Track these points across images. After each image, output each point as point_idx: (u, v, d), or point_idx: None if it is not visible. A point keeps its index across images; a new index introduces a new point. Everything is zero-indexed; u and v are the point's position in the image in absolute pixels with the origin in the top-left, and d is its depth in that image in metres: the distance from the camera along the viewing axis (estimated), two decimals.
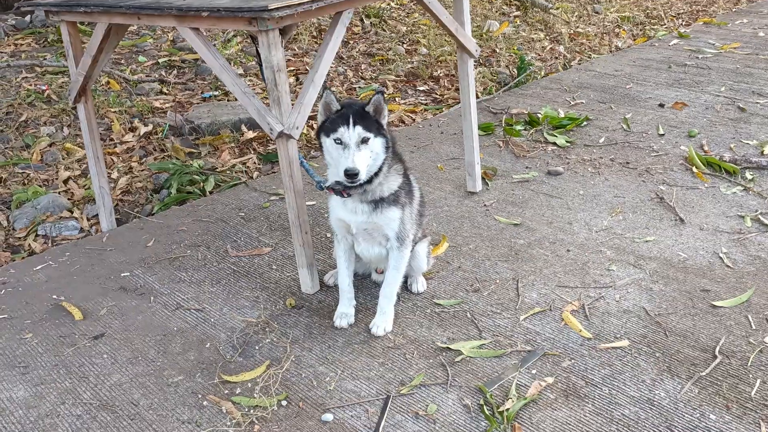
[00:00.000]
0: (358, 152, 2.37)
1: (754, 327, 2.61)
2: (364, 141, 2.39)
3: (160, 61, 6.35)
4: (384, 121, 2.48)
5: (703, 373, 2.38)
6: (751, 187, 3.70)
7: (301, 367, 2.51)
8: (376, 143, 2.43)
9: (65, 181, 4.20)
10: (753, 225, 3.33)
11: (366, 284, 3.01)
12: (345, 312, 2.75)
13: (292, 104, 2.70)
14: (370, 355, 2.57)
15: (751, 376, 2.36)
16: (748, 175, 3.83)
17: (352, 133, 2.37)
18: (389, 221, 2.57)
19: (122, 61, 6.30)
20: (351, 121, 2.37)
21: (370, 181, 2.47)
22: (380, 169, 2.48)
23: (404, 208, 2.60)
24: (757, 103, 4.98)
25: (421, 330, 2.69)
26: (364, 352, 2.58)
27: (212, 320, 2.82)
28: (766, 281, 2.88)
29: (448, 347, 2.57)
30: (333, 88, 5.87)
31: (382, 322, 2.68)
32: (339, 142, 2.40)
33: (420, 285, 2.93)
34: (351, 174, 2.35)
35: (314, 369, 2.51)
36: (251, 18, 2.50)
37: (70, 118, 5.09)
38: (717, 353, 2.47)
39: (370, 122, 2.42)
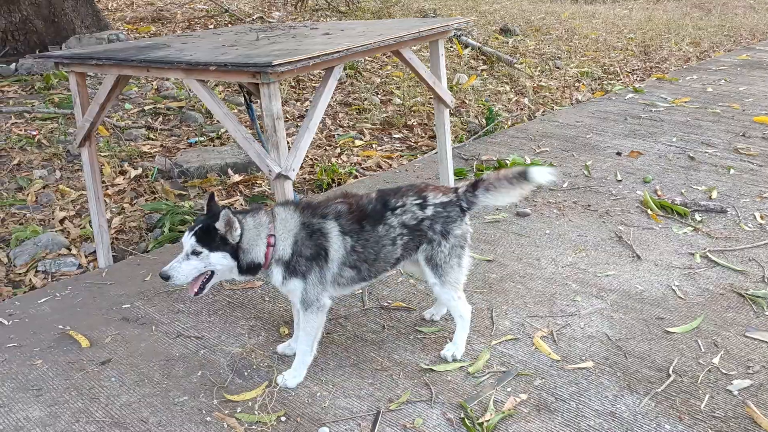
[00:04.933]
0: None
1: (703, 350, 2.92)
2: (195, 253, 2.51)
3: (145, 108, 6.61)
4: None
5: (659, 390, 2.67)
6: (700, 228, 4.08)
7: (297, 387, 2.73)
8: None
9: (61, 221, 4.39)
10: (702, 261, 3.68)
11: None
12: None
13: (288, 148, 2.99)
14: (360, 376, 2.80)
15: (701, 391, 2.66)
16: (698, 217, 4.22)
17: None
18: None
19: (109, 109, 6.54)
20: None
21: None
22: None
23: None
24: (706, 152, 5.44)
25: (406, 354, 2.94)
26: (354, 374, 2.81)
27: (211, 346, 3.03)
28: (714, 311, 3.21)
29: (431, 368, 2.83)
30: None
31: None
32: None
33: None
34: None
35: (309, 389, 2.73)
36: (255, 72, 2.79)
37: (62, 161, 5.30)
38: (671, 372, 2.77)
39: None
